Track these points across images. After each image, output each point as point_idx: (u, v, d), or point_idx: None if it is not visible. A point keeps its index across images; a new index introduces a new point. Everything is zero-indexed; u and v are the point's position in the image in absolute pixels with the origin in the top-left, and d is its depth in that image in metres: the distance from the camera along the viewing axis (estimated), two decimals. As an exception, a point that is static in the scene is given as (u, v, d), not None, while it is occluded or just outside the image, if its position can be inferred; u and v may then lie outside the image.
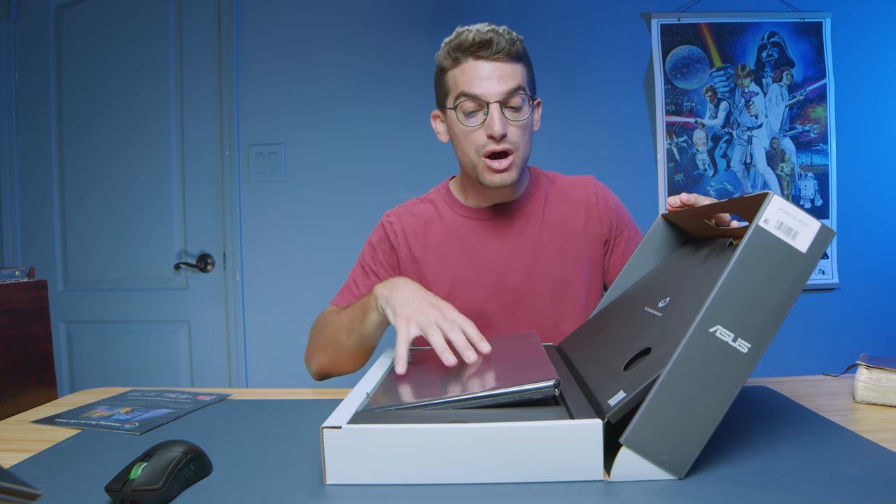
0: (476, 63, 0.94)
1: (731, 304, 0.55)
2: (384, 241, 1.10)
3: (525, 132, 0.98)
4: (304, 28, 2.09)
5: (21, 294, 1.05)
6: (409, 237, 1.09)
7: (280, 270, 2.09)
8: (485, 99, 0.93)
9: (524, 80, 0.97)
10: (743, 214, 0.67)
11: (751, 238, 0.56)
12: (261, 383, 2.10)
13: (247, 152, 2.09)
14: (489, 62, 0.94)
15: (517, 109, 0.96)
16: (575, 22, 2.07)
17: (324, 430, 0.56)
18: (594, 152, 2.07)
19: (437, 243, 1.07)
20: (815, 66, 2.06)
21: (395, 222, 1.10)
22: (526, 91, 0.97)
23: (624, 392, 0.57)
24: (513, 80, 0.94)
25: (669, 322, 0.65)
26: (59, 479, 0.61)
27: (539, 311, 1.05)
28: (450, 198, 1.11)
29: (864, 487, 0.52)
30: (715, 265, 0.69)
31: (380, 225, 1.13)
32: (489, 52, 0.93)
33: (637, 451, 0.54)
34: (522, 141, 0.98)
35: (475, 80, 0.94)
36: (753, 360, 0.55)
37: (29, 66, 2.14)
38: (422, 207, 1.12)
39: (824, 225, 0.57)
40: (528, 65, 0.99)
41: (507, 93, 0.94)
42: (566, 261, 1.06)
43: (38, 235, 2.15)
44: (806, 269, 0.56)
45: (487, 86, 0.93)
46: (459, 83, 0.95)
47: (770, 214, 0.56)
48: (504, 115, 0.94)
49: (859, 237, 2.08)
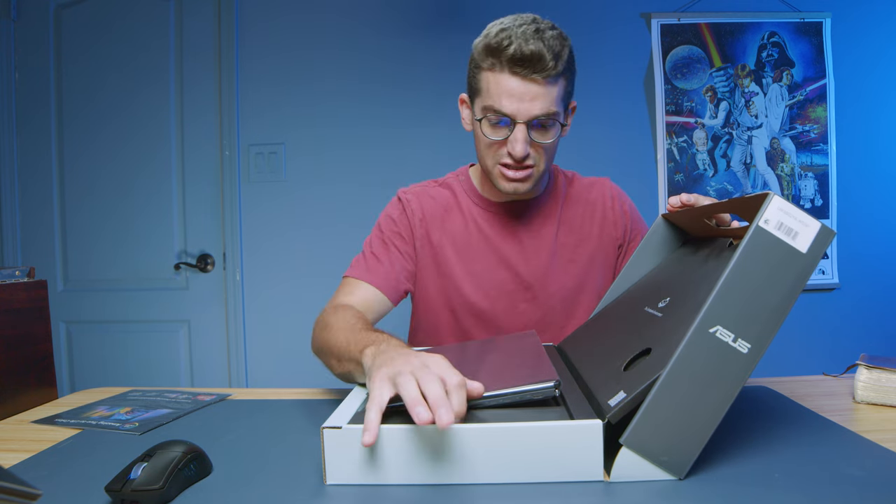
0: (511, 78, 0.87)
1: (732, 304, 0.55)
2: (403, 216, 1.06)
3: (549, 151, 0.95)
4: (304, 28, 2.09)
5: (21, 294, 1.05)
6: (427, 219, 1.05)
7: (280, 270, 2.09)
8: (513, 118, 0.89)
9: (559, 100, 0.91)
10: (743, 215, 0.67)
11: (751, 238, 0.56)
12: (261, 383, 2.10)
13: (247, 152, 2.09)
14: (526, 82, 0.87)
15: (544, 130, 0.92)
16: (575, 22, 2.07)
17: (324, 430, 0.56)
18: (594, 152, 2.07)
19: (455, 232, 1.05)
20: (815, 66, 2.06)
21: (414, 200, 1.07)
22: (557, 114, 0.91)
23: (624, 392, 0.57)
24: (546, 103, 0.88)
25: (669, 322, 0.65)
26: (59, 479, 0.61)
27: (548, 311, 1.04)
28: (469, 187, 1.08)
29: (864, 487, 0.52)
30: (715, 265, 0.69)
31: (397, 200, 1.08)
32: (529, 71, 0.86)
33: (637, 451, 0.54)
34: (545, 158, 0.95)
35: (505, 97, 0.88)
36: (753, 361, 0.55)
37: (29, 66, 2.14)
38: (440, 192, 1.09)
39: (824, 225, 0.57)
40: (568, 76, 0.93)
41: (537, 116, 0.89)
42: (580, 264, 1.05)
43: (38, 235, 2.15)
44: (806, 269, 0.56)
45: (517, 106, 0.88)
46: (491, 94, 0.90)
47: (770, 215, 0.56)
48: (529, 135, 0.90)
49: (859, 237, 2.08)
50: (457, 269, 1.04)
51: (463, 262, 1.04)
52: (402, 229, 1.05)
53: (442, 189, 1.09)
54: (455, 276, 1.03)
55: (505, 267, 1.04)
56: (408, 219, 1.06)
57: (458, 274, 1.03)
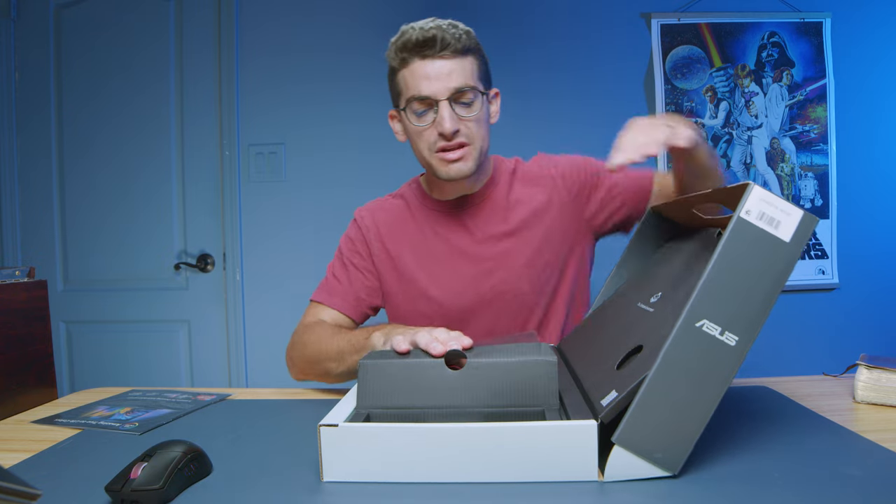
0: (422, 62, 0.94)
1: (717, 297, 0.55)
2: (358, 233, 1.12)
3: (480, 126, 0.98)
4: (304, 28, 2.09)
5: (21, 294, 1.05)
6: (381, 231, 1.10)
7: (280, 270, 2.09)
8: (433, 98, 0.93)
9: (475, 74, 0.96)
10: (727, 205, 0.67)
11: (733, 230, 0.55)
12: (261, 383, 2.10)
13: (247, 152, 2.09)
14: (435, 60, 0.93)
15: (468, 105, 0.95)
16: (575, 22, 2.07)
17: (320, 428, 0.56)
18: (594, 153, 2.06)
19: (410, 238, 1.08)
20: (815, 66, 2.06)
21: (367, 216, 1.12)
22: (476, 85, 0.96)
23: (616, 391, 0.57)
24: (461, 76, 0.93)
25: (659, 318, 0.65)
26: (59, 479, 0.61)
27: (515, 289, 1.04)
28: (420, 192, 1.12)
29: (863, 487, 0.52)
30: (702, 258, 0.69)
31: (353, 221, 1.14)
32: (434, 51, 0.93)
33: (630, 448, 0.54)
34: (478, 135, 0.97)
35: (422, 81, 0.93)
36: (742, 353, 0.55)
37: (29, 66, 2.14)
38: (393, 203, 1.13)
39: (807, 212, 0.56)
40: (479, 57, 0.98)
41: (455, 90, 0.93)
42: (539, 240, 1.05)
43: (38, 235, 2.15)
44: (791, 258, 0.55)
45: (435, 85, 0.93)
46: (409, 84, 0.95)
47: (751, 205, 0.56)
48: (455, 111, 0.94)
49: (859, 237, 2.08)
50: (418, 273, 1.06)
51: (423, 265, 1.06)
52: (359, 247, 1.11)
53: (395, 200, 1.14)
54: (418, 280, 1.06)
55: (462, 257, 1.05)
56: (363, 235, 1.11)
57: (420, 277, 1.06)
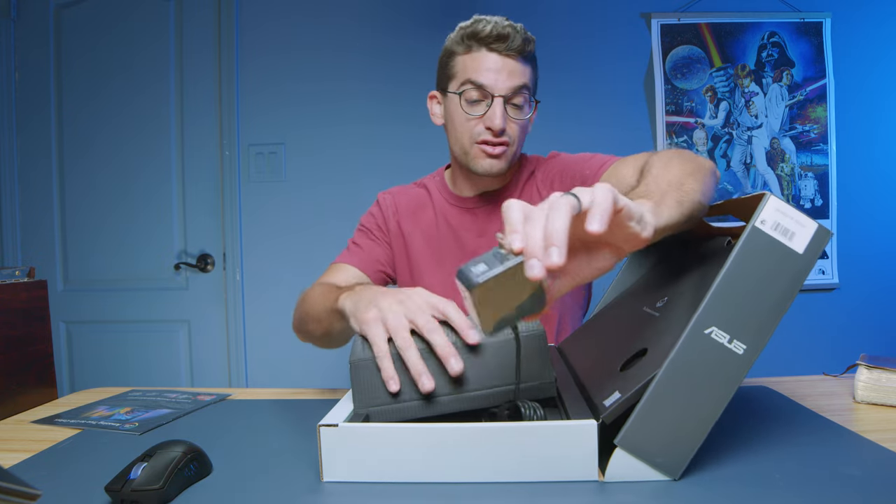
0: (488, 54, 0.95)
1: (727, 305, 0.55)
2: (378, 211, 1.16)
3: (522, 130, 1.01)
4: (304, 28, 2.09)
5: (21, 294, 1.05)
6: (400, 212, 1.14)
7: (280, 270, 2.09)
8: (491, 91, 0.95)
9: (531, 81, 0.99)
10: (739, 215, 0.67)
11: (747, 239, 0.55)
12: (261, 383, 2.10)
13: (247, 152, 2.09)
14: (501, 56, 0.95)
15: (519, 108, 0.98)
16: (575, 22, 2.07)
17: (320, 428, 0.56)
18: (594, 152, 2.07)
19: (426, 225, 1.11)
20: (815, 66, 2.06)
21: (389, 197, 1.16)
22: (530, 91, 0.99)
23: (619, 393, 0.57)
24: (521, 78, 0.96)
25: (666, 322, 0.65)
26: (59, 479, 0.61)
27: None
28: (441, 184, 1.14)
29: (863, 487, 0.52)
30: (712, 265, 0.69)
31: (375, 202, 1.18)
32: (503, 47, 0.94)
33: (632, 452, 0.54)
34: (518, 138, 1.01)
35: (484, 71, 0.95)
36: (749, 362, 0.55)
37: (29, 66, 2.14)
38: (416, 191, 1.16)
39: (821, 226, 0.56)
40: (535, 67, 1.01)
41: (514, 89, 0.95)
42: None
43: (38, 235, 2.15)
44: (803, 270, 0.56)
45: (496, 79, 0.94)
46: (469, 70, 0.96)
47: (767, 215, 0.56)
48: (506, 111, 0.96)
49: (859, 237, 2.08)
50: (424, 260, 1.10)
51: (430, 253, 1.10)
52: (378, 221, 1.15)
53: (418, 188, 1.17)
54: (421, 266, 1.09)
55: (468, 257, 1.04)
56: (382, 212, 1.15)
57: (424, 264, 1.09)
